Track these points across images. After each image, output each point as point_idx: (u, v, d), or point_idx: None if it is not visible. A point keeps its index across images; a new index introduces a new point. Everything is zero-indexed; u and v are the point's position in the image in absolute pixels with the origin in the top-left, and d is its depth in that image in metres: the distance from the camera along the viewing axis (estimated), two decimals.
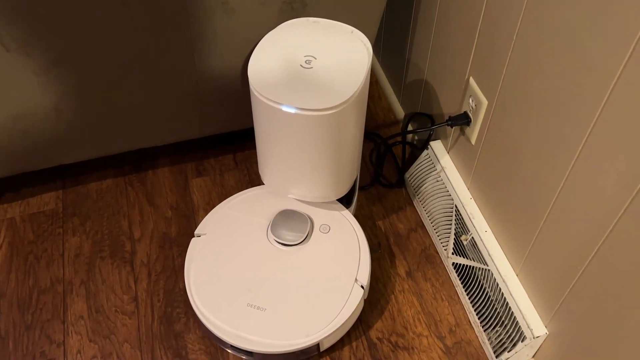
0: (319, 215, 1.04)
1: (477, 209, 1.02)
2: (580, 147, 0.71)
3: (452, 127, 1.02)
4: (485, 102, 0.92)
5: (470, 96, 0.97)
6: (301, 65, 0.86)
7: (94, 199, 1.18)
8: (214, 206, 1.17)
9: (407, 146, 1.27)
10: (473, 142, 0.99)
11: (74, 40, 0.90)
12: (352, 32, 0.92)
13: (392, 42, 1.30)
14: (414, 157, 1.23)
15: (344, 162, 0.95)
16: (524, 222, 0.89)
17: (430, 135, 1.14)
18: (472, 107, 0.97)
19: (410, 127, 1.28)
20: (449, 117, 1.01)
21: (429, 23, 1.08)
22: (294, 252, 0.99)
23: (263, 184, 1.05)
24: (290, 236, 0.99)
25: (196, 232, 1.02)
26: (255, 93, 0.84)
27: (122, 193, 1.19)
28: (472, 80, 0.95)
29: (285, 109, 0.83)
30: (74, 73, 0.95)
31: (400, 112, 1.33)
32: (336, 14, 1.00)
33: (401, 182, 1.22)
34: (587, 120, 0.69)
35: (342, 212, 1.04)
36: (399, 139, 1.29)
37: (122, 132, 1.08)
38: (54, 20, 0.86)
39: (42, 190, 1.19)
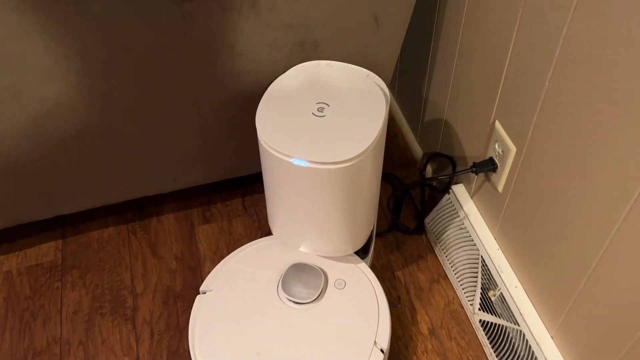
0: (333, 269, 0.96)
1: (506, 261, 0.94)
2: (630, 203, 0.63)
3: (476, 174, 0.95)
4: (513, 149, 0.85)
5: (496, 141, 0.89)
6: (313, 114, 0.79)
7: (94, 249, 1.11)
8: (221, 256, 1.10)
9: (426, 188, 1.19)
10: (500, 189, 0.92)
11: (70, 88, 0.84)
12: (367, 75, 0.85)
13: (409, 77, 1.23)
14: (434, 200, 1.15)
15: (361, 215, 0.88)
16: (560, 280, 0.80)
17: (451, 179, 1.07)
18: (498, 153, 0.89)
19: (429, 168, 1.20)
20: (474, 163, 0.93)
21: (448, 60, 1.02)
22: (307, 311, 0.91)
23: (273, 232, 0.98)
24: (302, 293, 0.92)
25: (201, 288, 0.95)
26: (264, 145, 0.77)
27: (124, 242, 1.12)
28: (498, 125, 0.88)
29: (296, 162, 0.76)
30: (70, 122, 0.89)
31: (418, 151, 1.25)
32: (350, 55, 0.94)
33: (421, 228, 1.14)
34: (637, 172, 0.61)
35: (359, 264, 0.97)
36: (417, 179, 1.21)
37: (123, 181, 1.02)
38: (48, 68, 0.80)
39: (41, 240, 1.13)
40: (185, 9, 0.79)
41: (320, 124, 0.78)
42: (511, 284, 0.92)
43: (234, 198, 1.20)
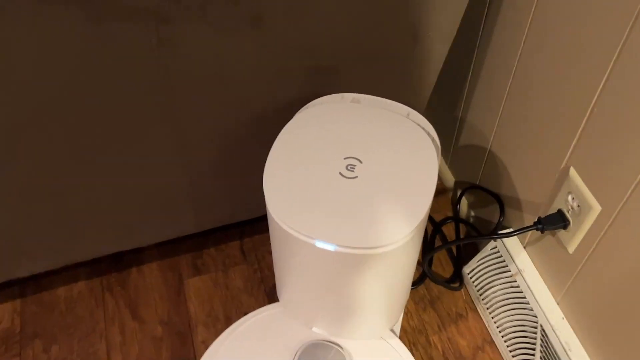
0: (357, 348, 0.77)
1: (575, 337, 0.75)
2: None
3: (542, 232, 0.75)
4: (597, 207, 0.65)
5: (569, 192, 0.69)
6: (341, 174, 0.59)
7: (61, 311, 0.91)
8: (216, 318, 0.91)
9: (460, 225, 0.99)
10: (570, 250, 0.72)
11: (9, 136, 0.63)
12: (407, 114, 0.65)
13: (439, 88, 1.02)
14: (473, 243, 0.96)
15: (397, 296, 0.68)
16: None
17: (499, 222, 0.87)
18: (571, 207, 0.70)
19: (464, 202, 1.00)
20: (539, 218, 0.73)
21: (499, 79, 0.81)
22: None
23: (281, 304, 0.78)
24: None
25: None
26: (277, 221, 0.57)
27: (98, 302, 0.92)
28: (573, 173, 0.68)
29: (320, 245, 0.56)
30: (12, 175, 0.68)
31: (449, 177, 1.05)
32: (379, 82, 0.73)
33: (458, 276, 0.94)
34: None
35: (391, 341, 0.78)
36: (449, 213, 1.02)
37: (91, 237, 0.81)
38: None
39: None
40: (162, 33, 0.58)
41: (350, 189, 0.58)
42: None
43: (230, 240, 0.99)
